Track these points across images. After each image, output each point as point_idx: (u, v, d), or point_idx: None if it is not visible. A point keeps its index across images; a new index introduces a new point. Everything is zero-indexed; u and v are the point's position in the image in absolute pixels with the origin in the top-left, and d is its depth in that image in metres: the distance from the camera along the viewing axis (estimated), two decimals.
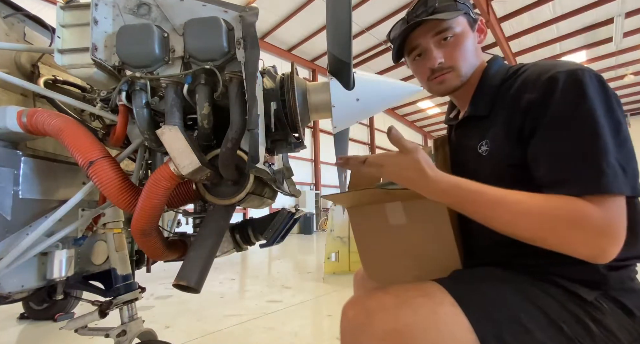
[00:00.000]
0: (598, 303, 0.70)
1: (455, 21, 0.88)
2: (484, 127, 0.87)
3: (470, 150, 0.90)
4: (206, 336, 2.49)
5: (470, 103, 0.93)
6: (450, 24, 0.88)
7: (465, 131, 0.96)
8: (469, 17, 0.92)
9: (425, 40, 0.92)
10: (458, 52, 0.90)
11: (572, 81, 0.70)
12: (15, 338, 2.58)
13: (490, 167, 0.84)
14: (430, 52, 0.92)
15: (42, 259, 1.25)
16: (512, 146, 0.78)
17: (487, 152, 0.84)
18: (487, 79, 0.91)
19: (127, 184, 1.08)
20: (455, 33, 0.89)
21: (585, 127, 0.67)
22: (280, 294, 3.71)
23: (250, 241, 1.35)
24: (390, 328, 0.68)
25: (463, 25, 0.90)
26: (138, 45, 1.04)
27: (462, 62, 0.90)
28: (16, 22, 1.42)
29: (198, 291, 1.00)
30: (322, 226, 12.99)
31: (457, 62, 0.90)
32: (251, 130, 0.95)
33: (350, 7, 0.94)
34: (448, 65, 0.91)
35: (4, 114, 1.11)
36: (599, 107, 0.67)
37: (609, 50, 12.45)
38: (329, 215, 5.14)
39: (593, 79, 0.70)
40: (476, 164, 0.88)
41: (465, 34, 0.90)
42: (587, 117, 0.67)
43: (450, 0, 0.89)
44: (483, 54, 0.97)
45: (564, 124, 0.69)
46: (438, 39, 0.90)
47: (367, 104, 1.16)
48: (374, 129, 18.78)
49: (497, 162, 0.82)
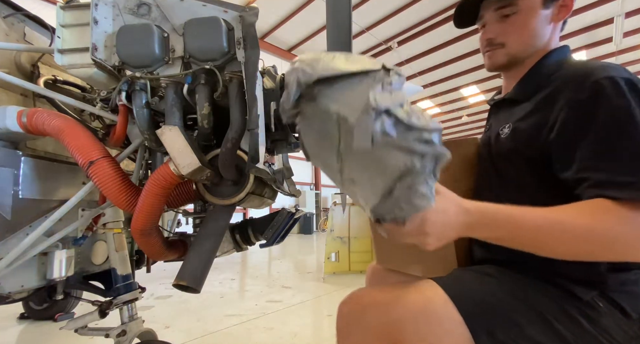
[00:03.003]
0: (594, 303, 0.70)
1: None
2: (514, 112, 0.86)
3: (493, 131, 0.91)
4: (206, 336, 2.49)
5: (514, 86, 0.91)
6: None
7: (497, 112, 0.96)
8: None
9: (488, 12, 0.89)
10: (514, 30, 0.86)
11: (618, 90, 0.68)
12: (15, 338, 2.58)
13: (504, 150, 0.84)
14: (487, 26, 0.90)
15: (42, 259, 1.25)
16: (536, 137, 0.77)
17: (507, 135, 0.84)
18: (541, 66, 0.86)
19: (127, 184, 1.08)
20: (518, 9, 0.84)
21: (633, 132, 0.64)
22: (280, 294, 3.71)
23: (250, 241, 1.35)
24: (382, 321, 0.71)
25: (532, 1, 0.83)
26: (138, 45, 1.04)
27: (514, 41, 0.86)
28: (16, 22, 1.42)
29: (198, 291, 1.00)
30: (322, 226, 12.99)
31: (509, 39, 0.87)
32: (251, 130, 0.95)
33: (350, 7, 0.94)
34: (499, 42, 0.88)
35: (4, 114, 1.11)
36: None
37: (609, 50, 12.44)
38: (329, 215, 5.14)
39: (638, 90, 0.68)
40: (493, 145, 0.88)
41: (532, 12, 0.84)
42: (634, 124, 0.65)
43: None
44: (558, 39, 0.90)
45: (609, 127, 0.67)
46: (499, 14, 0.87)
47: None
48: None
49: (513, 147, 0.81)
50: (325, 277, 4.47)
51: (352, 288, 0.93)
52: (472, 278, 0.78)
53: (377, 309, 0.74)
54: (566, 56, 0.87)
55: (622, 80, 0.68)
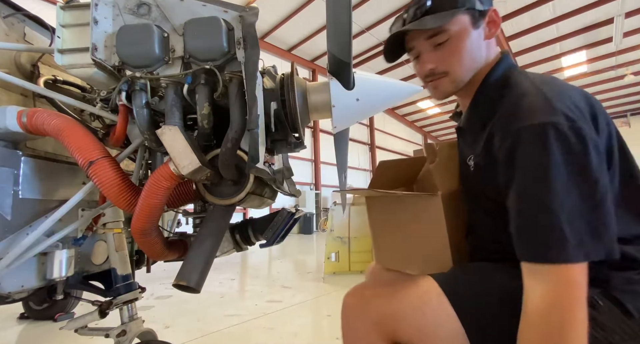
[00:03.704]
0: (594, 301, 0.70)
1: (451, 21, 0.80)
2: (475, 142, 0.84)
3: (463, 159, 0.92)
4: (206, 336, 2.49)
5: (465, 114, 0.91)
6: (444, 26, 0.80)
7: (462, 136, 0.95)
8: (472, 12, 0.80)
9: (419, 42, 0.86)
10: (453, 57, 0.83)
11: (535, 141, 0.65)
12: (15, 338, 2.58)
13: (474, 183, 0.86)
14: (422, 58, 0.87)
15: (42, 259, 1.25)
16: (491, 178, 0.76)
17: (472, 168, 0.85)
18: (485, 88, 0.84)
19: (127, 184, 1.08)
20: (450, 35, 0.81)
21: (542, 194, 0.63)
22: (280, 294, 3.71)
23: (250, 241, 1.35)
24: (382, 313, 0.79)
25: (462, 24, 0.80)
26: (138, 45, 1.04)
27: (457, 67, 0.83)
28: (16, 22, 1.42)
29: (198, 291, 1.00)
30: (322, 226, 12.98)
31: (451, 67, 0.84)
32: (251, 130, 0.95)
33: (350, 7, 0.94)
34: (441, 71, 0.85)
35: (4, 114, 1.11)
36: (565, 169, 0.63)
37: (609, 50, 12.44)
38: (329, 215, 5.14)
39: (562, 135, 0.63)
40: (467, 175, 0.90)
41: (464, 35, 0.81)
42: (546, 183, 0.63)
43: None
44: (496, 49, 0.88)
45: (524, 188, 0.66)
46: (431, 42, 0.83)
47: (367, 104, 1.16)
48: (374, 129, 18.76)
49: (478, 182, 0.83)
50: (325, 277, 4.47)
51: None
52: (467, 274, 0.81)
53: (377, 302, 0.82)
54: (508, 67, 0.84)
55: (543, 127, 0.64)
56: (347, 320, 0.85)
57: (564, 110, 0.65)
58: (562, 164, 0.63)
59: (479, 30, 0.83)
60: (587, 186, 0.63)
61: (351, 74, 1.06)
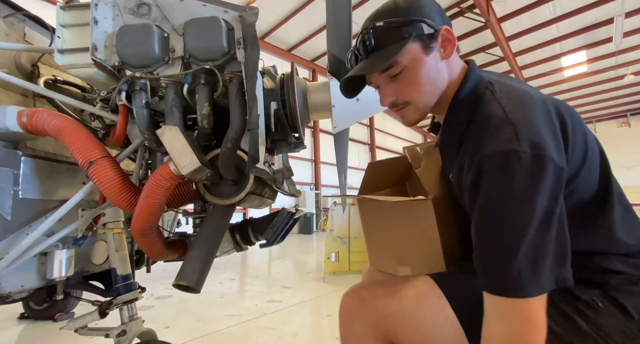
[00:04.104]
0: (593, 302, 0.70)
1: (400, 54, 0.76)
2: (452, 161, 0.83)
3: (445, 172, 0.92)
4: (206, 336, 2.49)
5: (440, 134, 0.89)
6: (397, 57, 0.76)
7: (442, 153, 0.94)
8: (421, 38, 0.77)
9: (374, 77, 0.84)
10: (410, 88, 0.80)
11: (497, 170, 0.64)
12: (15, 338, 2.58)
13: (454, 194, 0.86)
14: (381, 91, 0.85)
15: (42, 259, 1.25)
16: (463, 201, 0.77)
17: (454, 183, 0.84)
18: (457, 105, 0.81)
19: (127, 184, 1.08)
20: (403, 66, 0.78)
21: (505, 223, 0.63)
22: (280, 294, 3.71)
23: (250, 241, 1.35)
24: (381, 313, 0.79)
25: (413, 53, 0.77)
26: (138, 45, 1.04)
27: (417, 96, 0.81)
28: (16, 22, 1.42)
29: (198, 291, 1.00)
30: (322, 226, 12.99)
31: (411, 97, 0.81)
32: (251, 130, 0.95)
33: (350, 7, 0.94)
34: (402, 101, 0.83)
35: (4, 114, 1.11)
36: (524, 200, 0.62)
37: (609, 50, 12.44)
38: (329, 215, 5.14)
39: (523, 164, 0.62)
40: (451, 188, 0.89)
41: (417, 63, 0.78)
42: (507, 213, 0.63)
43: (393, 29, 0.76)
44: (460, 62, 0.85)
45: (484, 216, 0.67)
46: (386, 75, 0.81)
47: (367, 104, 1.17)
48: (374, 129, 18.76)
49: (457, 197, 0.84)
50: (325, 277, 4.47)
51: None
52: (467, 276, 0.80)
53: (376, 302, 0.81)
54: (476, 81, 0.80)
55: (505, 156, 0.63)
56: (344, 320, 0.85)
57: (529, 137, 0.64)
58: (521, 195, 0.62)
59: (434, 53, 0.79)
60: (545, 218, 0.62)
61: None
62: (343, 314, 0.86)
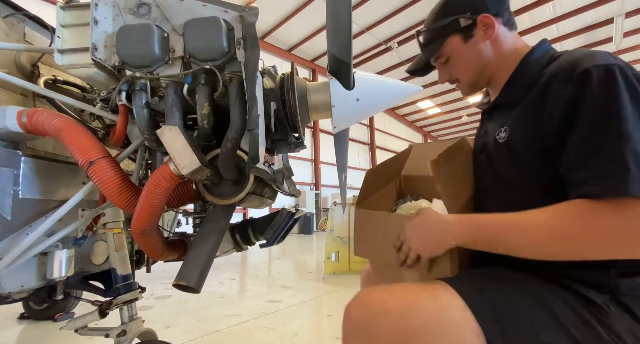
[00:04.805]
0: (605, 306, 0.69)
1: (443, 47, 0.96)
2: (509, 115, 0.87)
3: (489, 137, 0.92)
4: (206, 336, 2.49)
5: (500, 91, 0.93)
6: (440, 51, 0.97)
7: (491, 117, 0.97)
8: (460, 30, 0.93)
9: (433, 62, 1.04)
10: (457, 69, 0.99)
11: (605, 79, 0.67)
12: (15, 337, 2.58)
13: (503, 154, 0.85)
14: (438, 72, 1.04)
15: (42, 259, 1.25)
16: (534, 136, 0.77)
17: (504, 139, 0.84)
18: (524, 67, 0.89)
19: (127, 184, 1.08)
20: (448, 55, 0.97)
21: (615, 127, 0.64)
22: (280, 294, 3.71)
23: (250, 241, 1.35)
24: (396, 331, 0.67)
25: (453, 44, 0.95)
26: (138, 45, 1.04)
27: (464, 75, 0.99)
28: (16, 22, 1.42)
29: (198, 291, 1.00)
30: (322, 226, 12.98)
31: (459, 76, 1.00)
32: (251, 130, 0.95)
33: (350, 8, 0.94)
34: (453, 79, 1.01)
35: (4, 114, 1.11)
36: (631, 106, 0.65)
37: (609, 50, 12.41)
38: (329, 215, 5.14)
39: (627, 76, 0.67)
40: (492, 152, 0.89)
41: (459, 51, 0.95)
42: (618, 117, 0.64)
43: (435, 26, 0.96)
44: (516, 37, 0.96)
45: (593, 122, 0.67)
46: (439, 62, 1.01)
47: (367, 104, 1.17)
48: (374, 129, 18.77)
49: (512, 150, 0.82)
50: (325, 277, 4.47)
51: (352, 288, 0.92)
52: (488, 282, 0.76)
53: (389, 317, 0.68)
54: (547, 50, 0.89)
55: (610, 67, 0.68)
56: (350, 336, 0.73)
57: (620, 62, 0.70)
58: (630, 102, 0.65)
59: (474, 39, 0.93)
60: None
61: (351, 74, 1.06)
62: (349, 330, 0.73)
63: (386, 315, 0.69)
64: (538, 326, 0.67)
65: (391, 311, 0.69)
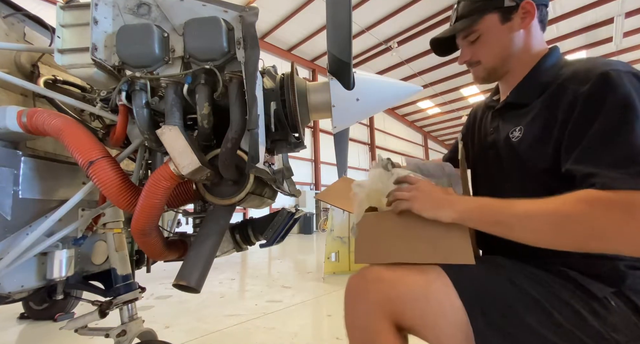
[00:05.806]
0: (607, 301, 0.70)
1: (479, 22, 0.93)
2: (522, 115, 0.88)
3: (501, 135, 0.93)
4: (206, 336, 2.49)
5: (512, 90, 0.94)
6: (473, 27, 0.94)
7: (502, 116, 0.98)
8: (501, 10, 0.91)
9: (459, 40, 1.02)
10: (482, 50, 0.96)
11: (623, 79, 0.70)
12: (15, 337, 2.58)
13: (516, 152, 0.86)
14: (461, 52, 1.03)
15: (42, 259, 1.25)
16: (547, 137, 0.79)
17: (519, 138, 0.86)
18: (539, 70, 0.90)
19: (127, 184, 1.08)
20: (479, 33, 0.94)
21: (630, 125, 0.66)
22: (280, 294, 3.71)
23: (250, 241, 1.35)
24: (385, 296, 0.79)
25: (489, 23, 0.92)
26: (138, 45, 1.04)
27: (487, 58, 0.96)
28: (16, 22, 1.42)
29: (198, 291, 1.00)
30: (322, 226, 12.99)
31: (482, 57, 0.97)
32: (251, 130, 0.95)
33: (350, 8, 0.94)
34: (474, 61, 0.99)
35: (4, 114, 1.11)
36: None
37: (609, 50, 12.43)
38: (329, 215, 5.14)
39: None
40: (502, 149, 0.91)
41: (492, 31, 0.93)
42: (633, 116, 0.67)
43: (475, 2, 0.93)
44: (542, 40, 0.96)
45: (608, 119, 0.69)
46: (467, 40, 0.99)
47: (367, 104, 1.17)
48: (374, 129, 18.76)
49: (526, 148, 0.84)
50: (325, 277, 4.47)
51: None
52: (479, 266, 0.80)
53: (381, 285, 0.80)
54: (559, 57, 0.91)
55: (625, 73, 0.71)
56: (350, 299, 0.85)
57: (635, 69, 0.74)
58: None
59: (510, 23, 0.91)
60: None
61: (351, 74, 1.06)
62: (349, 294, 0.86)
63: (378, 282, 0.81)
64: (519, 308, 0.71)
65: (383, 280, 0.81)
